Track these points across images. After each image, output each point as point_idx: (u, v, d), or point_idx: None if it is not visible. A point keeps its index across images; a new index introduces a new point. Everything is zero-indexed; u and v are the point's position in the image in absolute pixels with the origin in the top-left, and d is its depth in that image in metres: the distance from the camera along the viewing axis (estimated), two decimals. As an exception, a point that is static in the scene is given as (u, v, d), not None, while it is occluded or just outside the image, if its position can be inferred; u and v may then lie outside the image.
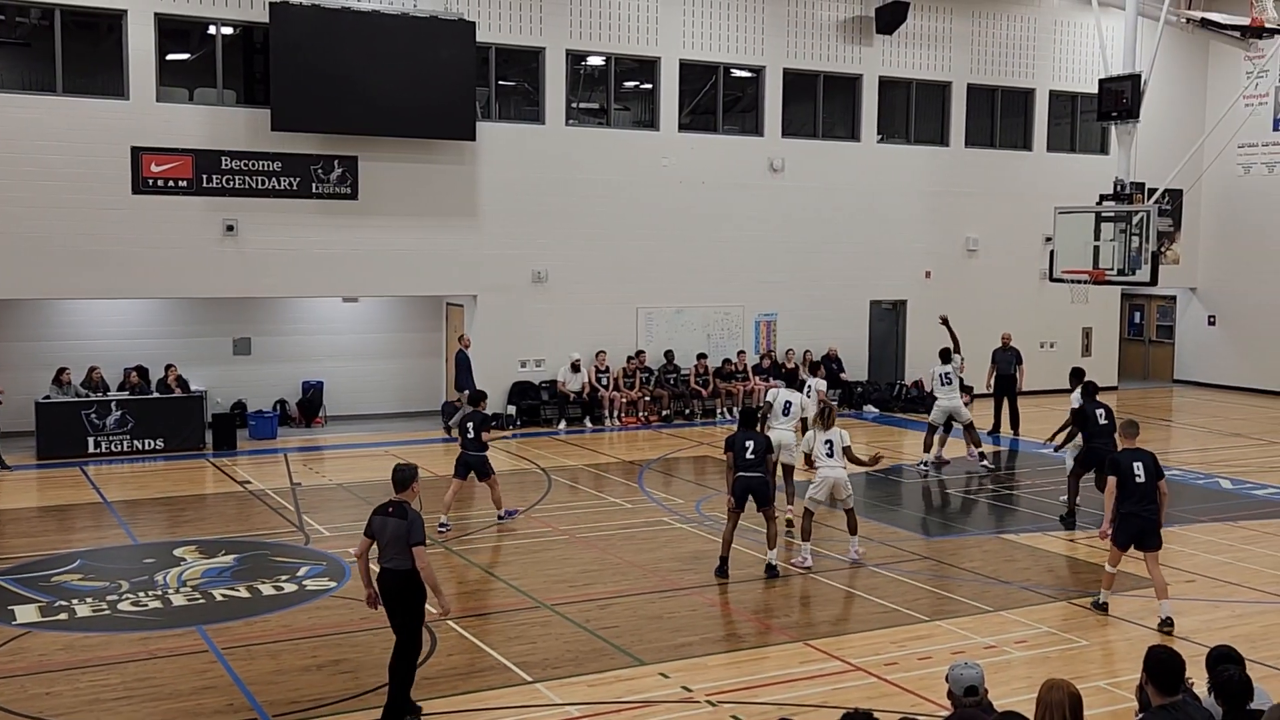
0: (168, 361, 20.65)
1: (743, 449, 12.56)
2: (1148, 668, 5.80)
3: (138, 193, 19.86)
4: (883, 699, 9.04)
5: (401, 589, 8.67)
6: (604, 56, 23.55)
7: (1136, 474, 11.05)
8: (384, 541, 8.69)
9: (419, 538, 8.60)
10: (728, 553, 12.71)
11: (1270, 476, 18.49)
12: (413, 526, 8.61)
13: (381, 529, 8.71)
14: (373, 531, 8.77)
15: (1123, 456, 11.23)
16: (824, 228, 25.35)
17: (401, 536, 8.58)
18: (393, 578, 8.69)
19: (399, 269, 21.78)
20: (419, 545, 8.58)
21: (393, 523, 8.66)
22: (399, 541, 8.59)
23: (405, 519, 8.64)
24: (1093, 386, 15.41)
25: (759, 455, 12.58)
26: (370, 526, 8.80)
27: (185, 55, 21.30)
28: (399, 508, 8.73)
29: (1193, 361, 30.73)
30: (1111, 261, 18.66)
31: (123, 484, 17.51)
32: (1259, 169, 28.83)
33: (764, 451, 12.68)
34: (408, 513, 8.70)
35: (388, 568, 8.70)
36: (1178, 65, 28.57)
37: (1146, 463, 11.12)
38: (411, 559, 8.55)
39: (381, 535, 8.70)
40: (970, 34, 26.83)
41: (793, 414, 15.48)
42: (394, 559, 8.65)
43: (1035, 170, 27.58)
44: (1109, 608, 11.47)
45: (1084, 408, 15.13)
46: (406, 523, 8.62)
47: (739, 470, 12.54)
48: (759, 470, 12.57)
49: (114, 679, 9.57)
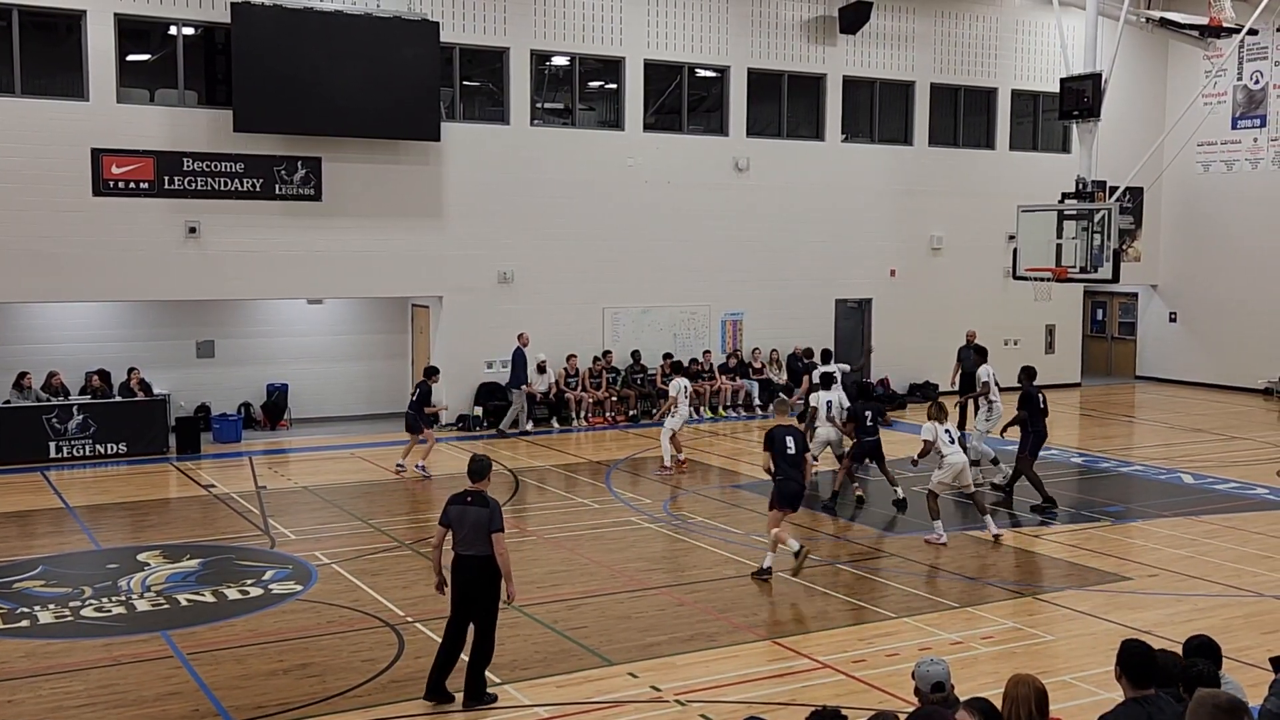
0: (130, 365, 20.45)
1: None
2: (1121, 661, 5.85)
3: (99, 195, 19.67)
4: (851, 696, 9.08)
5: (480, 574, 9.00)
6: (568, 56, 23.52)
7: (788, 447, 12.46)
8: (463, 529, 9.01)
9: (500, 524, 9.00)
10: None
11: (1231, 471, 18.70)
12: (495, 514, 9.01)
13: (460, 517, 9.04)
14: (449, 520, 9.09)
15: (777, 432, 12.64)
16: (789, 227, 25.42)
17: (484, 524, 8.95)
18: (473, 564, 8.98)
19: (364, 270, 21.67)
20: (499, 532, 8.96)
21: (474, 511, 9.01)
22: (480, 529, 8.94)
23: (487, 506, 9.04)
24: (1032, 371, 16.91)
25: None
26: (447, 515, 9.13)
27: (146, 56, 21.10)
28: (479, 496, 9.10)
29: (1155, 358, 31.04)
30: (1074, 259, 18.82)
31: (85, 489, 17.33)
32: (1218, 167, 29.16)
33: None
34: (489, 501, 9.08)
35: (467, 554, 9.00)
36: (1138, 64, 28.85)
37: (795, 437, 12.63)
38: (491, 545, 8.91)
39: (461, 523, 9.02)
40: (933, 34, 26.99)
41: (835, 413, 16.61)
42: (474, 545, 8.97)
43: (998, 169, 27.78)
44: (771, 571, 12.47)
45: (1031, 393, 16.33)
46: (489, 510, 9.00)
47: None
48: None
49: (77, 686, 9.48)
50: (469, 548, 9.00)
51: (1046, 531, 14.80)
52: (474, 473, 9.27)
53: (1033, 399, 16.31)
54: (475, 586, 9.01)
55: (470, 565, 9.00)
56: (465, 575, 9.01)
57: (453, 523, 9.09)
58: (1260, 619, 11.22)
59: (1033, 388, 16.47)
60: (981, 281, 27.57)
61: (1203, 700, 4.66)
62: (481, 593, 9.05)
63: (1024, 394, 16.44)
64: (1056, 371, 29.29)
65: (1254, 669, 9.16)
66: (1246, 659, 9.72)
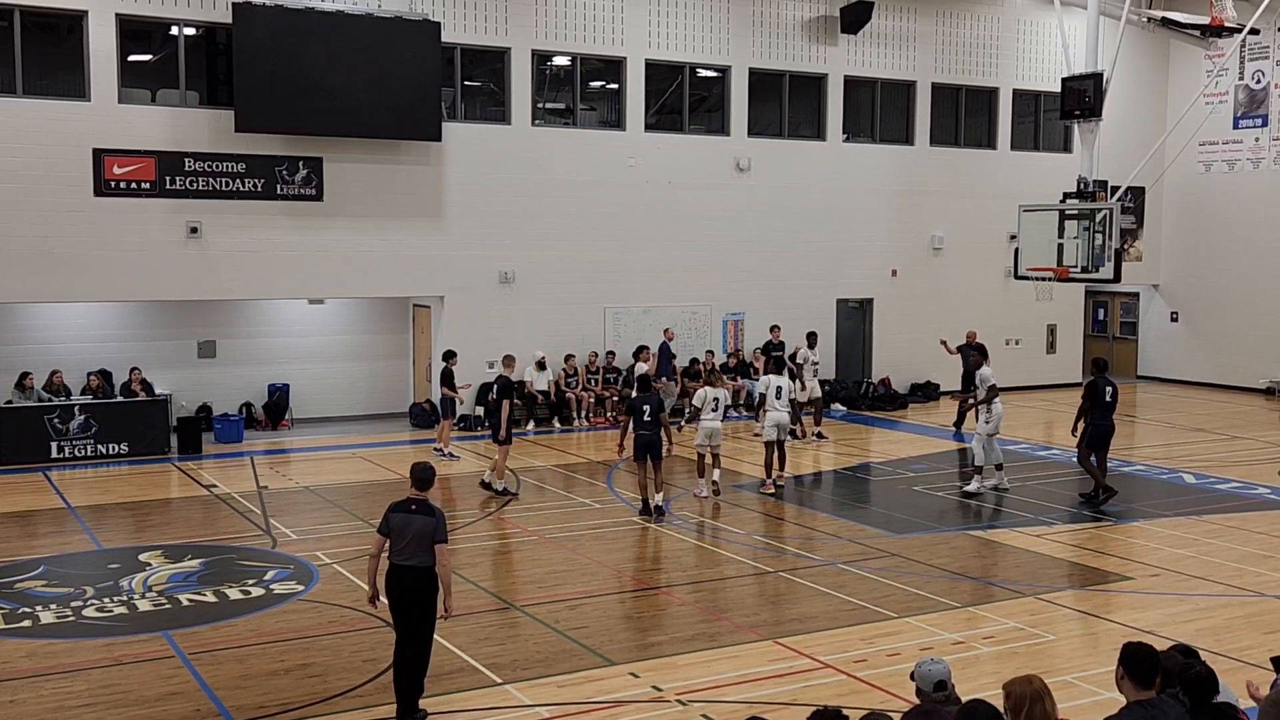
0: (132, 365, 20.46)
1: (641, 411, 15.21)
2: (1124, 662, 5.75)
3: (100, 195, 19.68)
4: (852, 696, 9.08)
5: (420, 586, 8.67)
6: (570, 57, 23.52)
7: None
8: (405, 539, 8.63)
9: (444, 536, 8.68)
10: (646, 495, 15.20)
11: (1233, 471, 18.69)
12: (440, 524, 8.69)
13: (404, 526, 8.64)
14: (390, 528, 8.69)
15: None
16: (790, 227, 25.43)
17: (428, 533, 8.61)
18: (413, 575, 8.65)
19: (365, 270, 21.68)
20: (444, 544, 8.66)
21: (419, 520, 8.65)
22: (424, 539, 8.61)
23: (433, 516, 8.69)
24: (1103, 363, 17.11)
25: (654, 416, 15.16)
26: (388, 523, 8.71)
27: (147, 56, 21.11)
28: (423, 505, 8.75)
29: (1156, 357, 31.03)
30: (1075, 259, 18.80)
31: (86, 489, 17.34)
32: (1220, 167, 29.14)
33: (658, 412, 15.25)
34: (434, 510, 8.75)
35: (407, 564, 8.64)
36: (1139, 64, 28.84)
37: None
38: (432, 557, 8.61)
39: (403, 532, 8.63)
40: (934, 33, 26.98)
41: (783, 397, 17.15)
42: (415, 556, 8.62)
43: (999, 169, 27.77)
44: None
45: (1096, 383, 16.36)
46: (435, 520, 8.67)
47: (638, 430, 15.12)
48: (654, 430, 15.12)
49: (79, 686, 9.48)
50: (409, 558, 8.61)
51: (1048, 531, 14.78)
52: (420, 480, 8.81)
53: (1097, 390, 16.23)
54: (415, 597, 8.64)
55: (409, 576, 8.63)
56: (404, 587, 8.64)
57: (394, 531, 8.66)
58: (1262, 619, 11.20)
59: (1101, 378, 16.38)
60: (983, 281, 27.56)
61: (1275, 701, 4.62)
62: (419, 606, 8.68)
63: (1090, 384, 16.44)
64: (1058, 371, 29.32)
65: (1255, 669, 9.15)
66: (1248, 659, 9.72)
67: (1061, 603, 11.74)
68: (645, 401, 15.40)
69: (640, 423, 15.22)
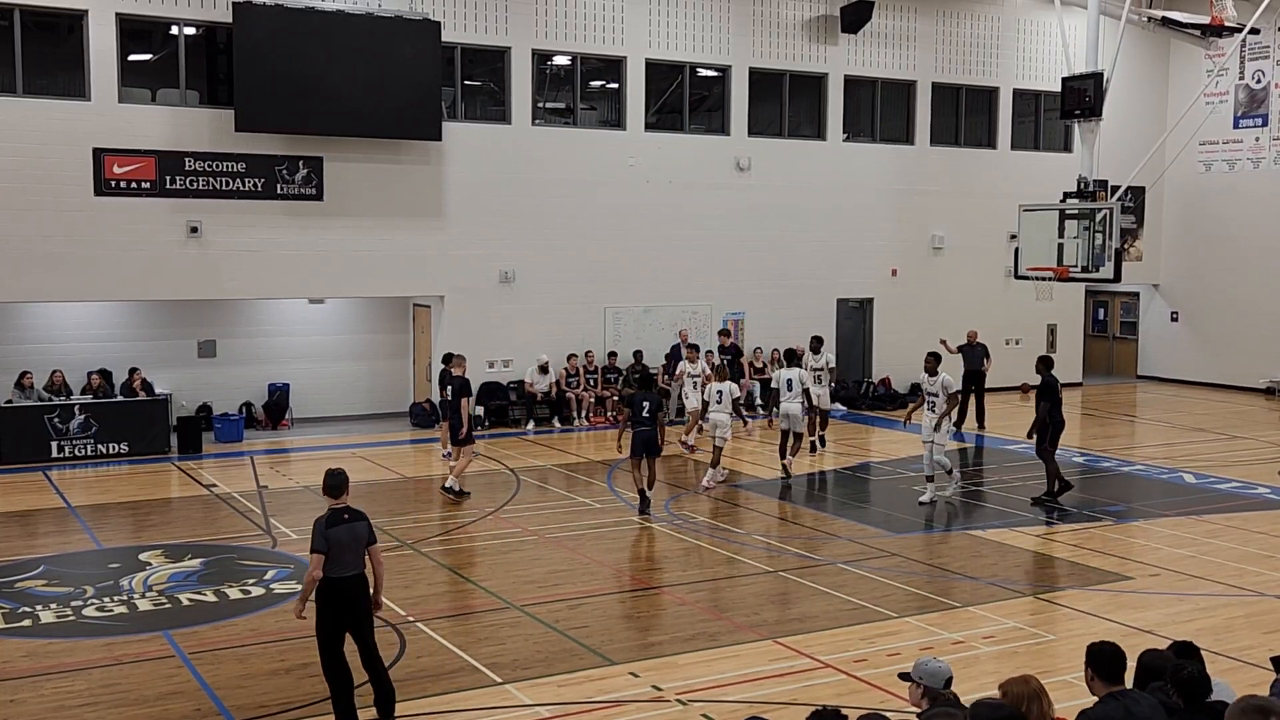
0: (132, 365, 20.46)
1: (640, 408, 15.45)
2: (1091, 661, 5.95)
3: (100, 194, 19.68)
4: (852, 696, 9.08)
5: (363, 592, 8.51)
6: (570, 56, 23.52)
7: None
8: (348, 550, 8.36)
9: (375, 536, 8.62)
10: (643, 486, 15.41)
11: (1233, 471, 18.69)
12: (370, 526, 8.57)
13: (348, 537, 8.36)
14: (331, 544, 8.26)
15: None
16: (791, 226, 25.42)
17: (364, 539, 8.46)
18: (356, 583, 8.42)
19: (365, 270, 21.68)
20: (376, 543, 8.58)
21: (359, 527, 8.46)
22: (361, 544, 8.45)
23: (366, 520, 8.54)
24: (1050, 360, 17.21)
25: (653, 414, 15.37)
26: (329, 539, 8.25)
27: (147, 55, 21.11)
28: (354, 511, 8.51)
29: (1156, 357, 31.03)
30: (1075, 258, 18.79)
31: (87, 488, 17.34)
32: (1220, 166, 29.14)
33: (656, 410, 15.47)
34: (364, 513, 8.60)
35: (351, 575, 8.38)
36: (1139, 64, 28.84)
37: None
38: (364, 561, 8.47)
39: (347, 545, 8.34)
40: (935, 33, 26.98)
41: (795, 389, 17.53)
42: (355, 564, 8.42)
43: (1000, 168, 27.76)
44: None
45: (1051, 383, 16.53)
46: (368, 523, 8.54)
47: (637, 427, 15.34)
48: (652, 427, 15.32)
49: (79, 685, 9.48)
50: (352, 568, 8.38)
51: (1049, 531, 14.79)
52: (337, 487, 8.49)
53: (1055, 388, 16.41)
54: (357, 606, 8.44)
55: (353, 585, 8.41)
56: (347, 597, 8.37)
57: (337, 546, 8.27)
58: (1262, 619, 11.21)
59: (1052, 377, 16.57)
60: (983, 281, 27.56)
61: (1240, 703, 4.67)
62: (365, 611, 8.52)
63: (1045, 384, 16.46)
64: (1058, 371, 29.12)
65: (1255, 669, 9.16)
66: (1248, 658, 9.73)
67: (1062, 602, 11.75)
68: (645, 399, 15.64)
69: (639, 419, 15.46)
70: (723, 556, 13.44)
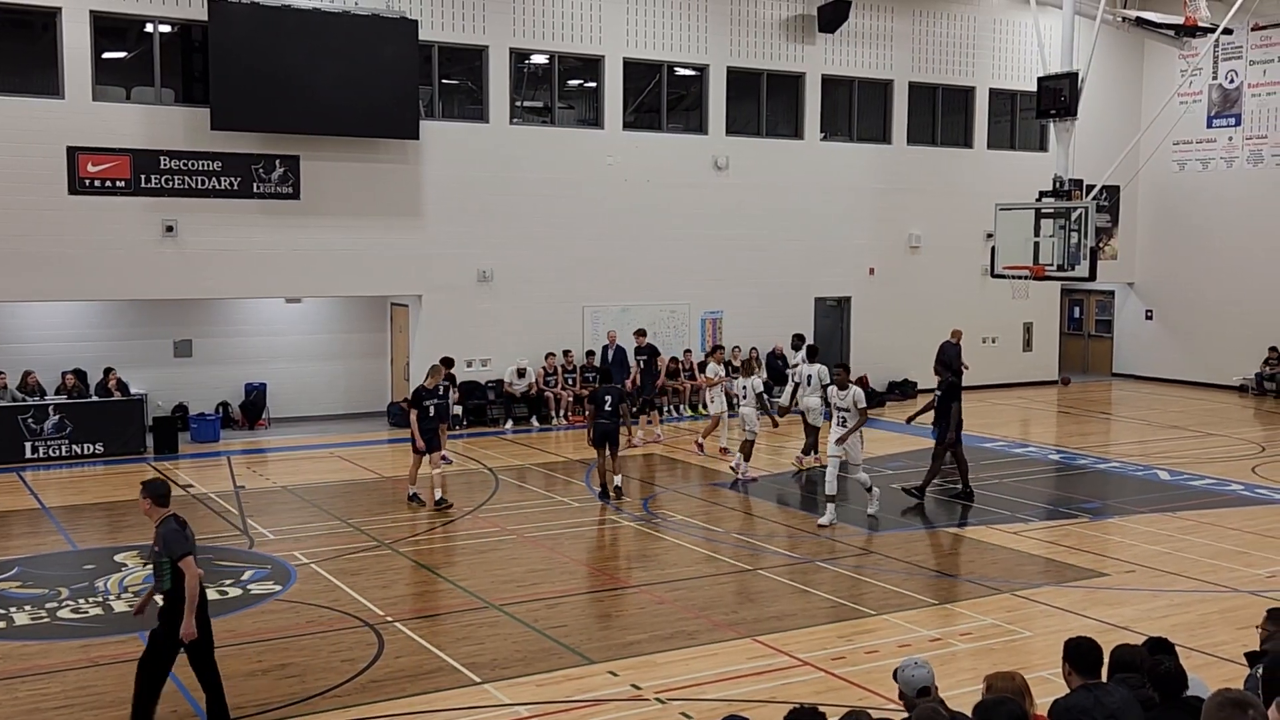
0: (107, 365, 20.33)
1: (602, 402, 16.10)
2: (1068, 656, 6.01)
3: (74, 193, 19.53)
4: (830, 693, 9.11)
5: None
6: (548, 55, 23.49)
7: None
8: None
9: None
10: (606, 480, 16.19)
11: (1207, 468, 18.83)
12: None
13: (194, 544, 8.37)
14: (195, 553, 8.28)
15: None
16: (768, 225, 25.47)
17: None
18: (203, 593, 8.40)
19: (342, 269, 21.60)
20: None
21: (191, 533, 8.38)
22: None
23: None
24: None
25: (615, 408, 16.15)
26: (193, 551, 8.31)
27: (122, 54, 20.97)
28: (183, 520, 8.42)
29: (1131, 355, 31.23)
30: (1051, 257, 18.91)
31: (61, 489, 17.22)
32: (1194, 165, 29.35)
33: (619, 404, 16.31)
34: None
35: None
36: (1114, 64, 29.02)
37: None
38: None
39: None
40: (911, 33, 27.08)
41: (814, 385, 18.37)
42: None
43: (976, 167, 27.88)
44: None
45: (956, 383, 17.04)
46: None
47: (599, 419, 16.00)
48: (614, 420, 16.12)
49: (54, 688, 9.42)
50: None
51: (1024, 528, 14.86)
52: (164, 496, 8.48)
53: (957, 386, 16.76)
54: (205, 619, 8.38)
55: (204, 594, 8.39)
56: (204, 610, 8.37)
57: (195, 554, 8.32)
58: (1235, 614, 11.29)
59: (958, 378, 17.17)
60: (960, 280, 27.67)
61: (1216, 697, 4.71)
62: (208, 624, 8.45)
63: (952, 385, 16.68)
64: (1034, 369, 29.48)
65: (1229, 664, 9.24)
66: (1222, 654, 9.81)
67: (1038, 599, 11.81)
68: (608, 393, 16.41)
69: (601, 413, 16.14)
70: (701, 555, 13.46)
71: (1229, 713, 4.36)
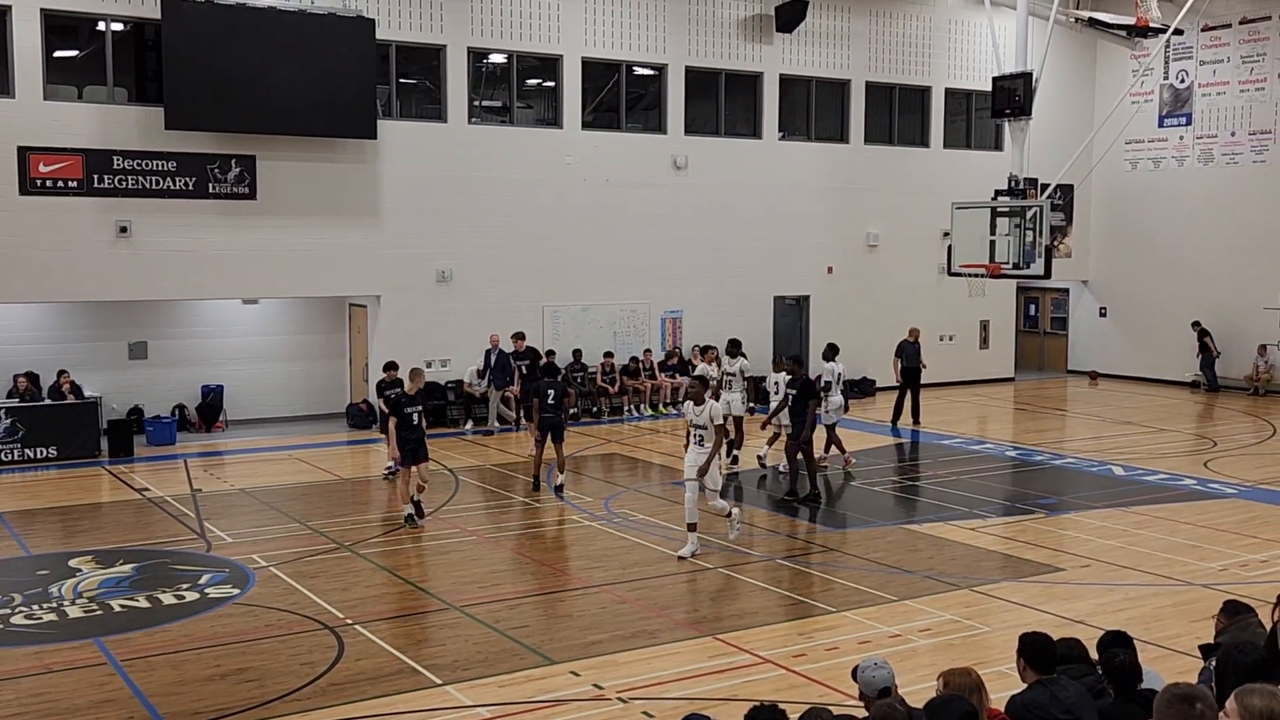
0: (60, 367, 20.06)
1: (545, 395, 16.50)
2: (1023, 652, 6.09)
3: (25, 194, 19.27)
4: (791, 690, 9.15)
5: None
6: (506, 54, 23.44)
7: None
8: None
9: None
10: (539, 471, 16.75)
11: (1161, 463, 19.07)
12: None
13: None
14: None
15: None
16: (727, 224, 25.54)
17: None
18: None
19: (300, 270, 21.45)
20: None
21: None
22: None
23: None
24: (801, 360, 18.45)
25: (558, 400, 16.56)
26: None
27: (74, 52, 20.71)
28: None
29: (1085, 352, 31.58)
30: (1007, 255, 19.11)
31: (14, 494, 16.98)
32: (1145, 164, 29.72)
33: (561, 397, 16.63)
34: None
35: None
36: (1067, 64, 29.33)
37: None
38: None
39: None
40: (868, 32, 27.24)
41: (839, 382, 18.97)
42: None
43: (933, 166, 28.10)
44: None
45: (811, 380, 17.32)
46: None
47: (541, 412, 16.46)
48: (556, 413, 16.52)
49: (7, 695, 9.29)
50: None
51: (982, 524, 14.99)
52: None
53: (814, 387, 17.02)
54: None
55: None
56: None
57: None
58: (1189, 607, 11.45)
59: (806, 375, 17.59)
60: (917, 278, 27.87)
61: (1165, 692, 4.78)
62: None
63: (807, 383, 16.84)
64: (991, 366, 29.74)
65: (1184, 656, 9.37)
66: (1176, 646, 9.94)
67: (996, 594, 11.92)
68: (550, 386, 16.76)
69: (544, 405, 16.56)
70: (662, 554, 13.47)
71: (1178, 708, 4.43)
